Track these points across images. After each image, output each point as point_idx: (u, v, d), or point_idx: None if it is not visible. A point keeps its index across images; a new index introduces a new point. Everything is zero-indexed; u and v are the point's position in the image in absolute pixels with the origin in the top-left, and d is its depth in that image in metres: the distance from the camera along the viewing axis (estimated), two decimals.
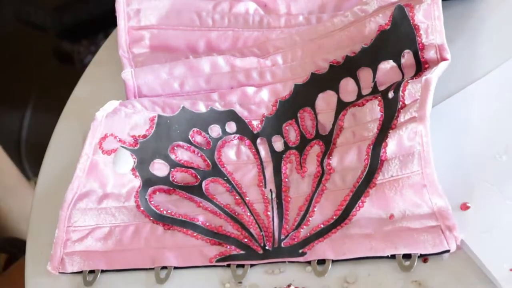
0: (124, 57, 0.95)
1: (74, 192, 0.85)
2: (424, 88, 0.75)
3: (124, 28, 0.96)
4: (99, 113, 0.88)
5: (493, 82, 0.80)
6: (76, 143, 0.91)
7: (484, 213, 0.72)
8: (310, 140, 0.81)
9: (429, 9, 0.80)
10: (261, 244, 0.77)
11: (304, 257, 0.75)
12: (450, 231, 0.71)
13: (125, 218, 0.83)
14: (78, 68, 1.86)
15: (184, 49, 0.94)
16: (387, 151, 0.75)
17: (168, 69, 0.91)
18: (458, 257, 0.71)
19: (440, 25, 0.80)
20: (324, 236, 0.75)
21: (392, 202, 0.73)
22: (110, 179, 0.85)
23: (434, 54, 0.79)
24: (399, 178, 0.73)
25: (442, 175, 0.73)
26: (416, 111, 0.74)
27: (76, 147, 0.90)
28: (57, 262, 0.83)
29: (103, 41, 1.85)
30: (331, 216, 0.76)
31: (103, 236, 0.83)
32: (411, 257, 0.72)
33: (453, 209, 0.72)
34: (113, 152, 0.85)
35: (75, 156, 0.89)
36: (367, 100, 0.80)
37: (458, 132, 0.78)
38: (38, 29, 1.26)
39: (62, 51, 1.88)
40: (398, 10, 0.81)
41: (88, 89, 0.98)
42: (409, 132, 0.74)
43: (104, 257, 0.82)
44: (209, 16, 0.94)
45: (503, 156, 0.75)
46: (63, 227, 0.84)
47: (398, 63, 0.80)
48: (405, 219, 0.73)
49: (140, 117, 0.87)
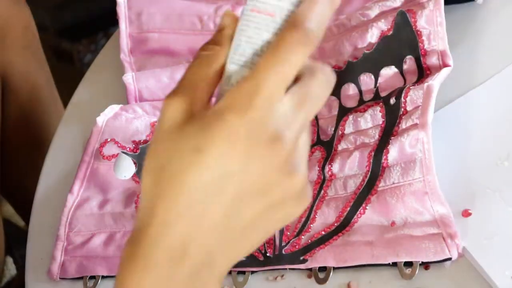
0: (125, 61, 0.95)
1: (74, 197, 0.85)
2: (426, 94, 0.75)
3: (126, 32, 0.96)
4: (99, 118, 0.88)
5: (495, 87, 0.80)
6: (76, 148, 0.91)
7: (486, 220, 0.72)
8: (311, 146, 0.81)
9: (431, 15, 0.80)
10: (262, 251, 0.77)
11: (305, 264, 0.75)
12: (452, 238, 0.71)
13: (126, 224, 0.83)
14: (77, 67, 1.86)
15: (185, 53, 0.94)
16: (388, 157, 0.75)
17: (169, 73, 0.91)
18: (460, 264, 0.71)
19: (442, 31, 0.79)
20: (325, 243, 0.75)
21: (393, 209, 0.73)
22: (110, 185, 0.85)
23: (436, 60, 0.78)
24: (401, 185, 0.73)
25: (444, 181, 0.73)
26: (417, 118, 0.74)
27: (77, 152, 0.90)
28: (57, 267, 0.83)
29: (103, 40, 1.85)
30: (332, 223, 0.76)
31: (104, 241, 0.83)
32: (413, 265, 0.72)
33: (454, 215, 0.72)
34: (113, 158, 0.85)
35: (75, 161, 0.89)
36: (368, 106, 0.79)
37: (460, 138, 0.77)
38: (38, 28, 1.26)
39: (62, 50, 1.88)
40: (400, 16, 0.80)
41: (88, 93, 0.97)
42: (411, 138, 0.74)
43: (105, 263, 0.82)
44: (211, 20, 0.94)
45: (505, 162, 0.75)
46: (63, 233, 0.84)
47: (400, 69, 0.80)
48: (406, 226, 0.72)
49: (141, 122, 0.87)
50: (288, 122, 0.49)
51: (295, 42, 0.48)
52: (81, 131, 0.93)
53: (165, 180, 0.49)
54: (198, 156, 0.48)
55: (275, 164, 0.49)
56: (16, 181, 1.28)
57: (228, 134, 0.48)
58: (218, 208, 0.49)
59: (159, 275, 0.48)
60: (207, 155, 0.48)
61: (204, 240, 0.49)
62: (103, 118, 0.88)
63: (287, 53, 0.48)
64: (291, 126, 0.49)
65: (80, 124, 0.94)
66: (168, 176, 0.49)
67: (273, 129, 0.48)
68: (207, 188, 0.48)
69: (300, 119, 0.50)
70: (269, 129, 0.48)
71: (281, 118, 0.49)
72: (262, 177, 0.49)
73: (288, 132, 0.49)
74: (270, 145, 0.48)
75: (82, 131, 0.93)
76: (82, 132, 0.93)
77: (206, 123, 0.48)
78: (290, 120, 0.49)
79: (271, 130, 0.48)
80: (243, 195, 0.49)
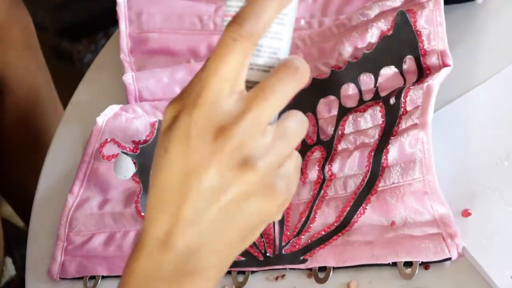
0: (125, 61, 0.95)
1: (74, 198, 0.85)
2: (425, 94, 0.75)
3: (126, 32, 0.96)
4: (99, 118, 0.88)
5: (495, 87, 0.80)
6: (76, 148, 0.91)
7: (485, 220, 0.72)
8: (311, 145, 0.81)
9: (431, 15, 0.80)
10: (262, 250, 0.77)
11: (305, 264, 0.75)
12: (452, 238, 0.71)
13: (126, 224, 0.83)
14: (77, 67, 1.86)
15: (185, 53, 0.94)
16: (388, 157, 0.75)
17: (169, 73, 0.91)
18: (459, 264, 0.71)
19: (442, 31, 0.79)
20: (325, 243, 0.75)
21: (393, 209, 0.73)
22: (110, 185, 0.85)
23: (436, 60, 0.78)
24: (401, 185, 0.73)
25: (444, 181, 0.73)
26: (417, 118, 0.74)
27: (77, 152, 0.90)
28: (57, 267, 0.83)
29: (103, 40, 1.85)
30: (332, 223, 0.76)
31: (104, 241, 0.83)
32: (413, 265, 0.72)
33: (454, 215, 0.72)
34: (113, 158, 0.85)
35: (75, 161, 0.89)
36: (368, 106, 0.79)
37: (460, 138, 0.77)
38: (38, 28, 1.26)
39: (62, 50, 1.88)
40: (400, 16, 0.80)
41: (88, 93, 0.97)
42: (411, 138, 0.74)
43: (105, 263, 0.82)
44: (211, 19, 0.94)
45: (505, 162, 0.75)
46: (63, 233, 0.84)
47: (400, 69, 0.80)
48: (406, 226, 0.72)
49: (141, 122, 0.87)
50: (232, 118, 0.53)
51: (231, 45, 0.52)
52: (81, 131, 0.93)
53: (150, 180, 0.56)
54: (164, 156, 0.53)
55: (224, 157, 0.53)
56: (16, 181, 1.28)
57: (182, 133, 0.53)
58: (187, 204, 0.53)
59: (149, 261, 0.54)
60: (169, 154, 0.53)
61: (181, 234, 0.54)
62: (103, 118, 0.88)
63: (226, 54, 0.52)
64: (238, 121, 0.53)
65: (80, 124, 0.94)
66: (150, 175, 0.56)
67: (218, 123, 0.52)
68: (175, 185, 0.53)
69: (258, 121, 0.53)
70: (215, 123, 0.52)
71: (225, 113, 0.52)
72: (216, 173, 0.53)
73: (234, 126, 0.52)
74: (216, 139, 0.52)
75: (82, 131, 0.92)
76: (82, 132, 0.92)
77: (172, 125, 0.53)
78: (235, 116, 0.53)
79: (216, 124, 0.52)
80: (204, 190, 0.53)
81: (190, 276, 0.54)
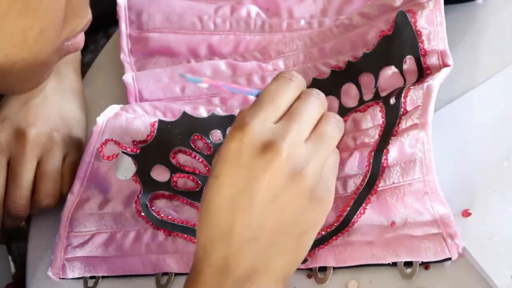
0: (125, 61, 0.95)
1: (74, 197, 0.85)
2: (426, 94, 0.75)
3: (126, 32, 0.96)
4: (100, 118, 0.88)
5: (495, 87, 0.80)
6: None
7: (486, 220, 0.72)
8: None
9: (431, 15, 0.80)
10: None
11: (305, 264, 0.75)
12: (452, 239, 0.71)
13: (126, 224, 0.83)
14: None
15: (185, 53, 0.94)
16: (388, 157, 0.75)
17: (169, 73, 0.91)
18: (459, 264, 0.71)
19: (442, 31, 0.79)
20: (325, 243, 0.75)
21: (393, 209, 0.73)
22: (111, 185, 0.85)
23: (436, 60, 0.78)
24: (401, 185, 0.73)
25: (444, 181, 0.72)
26: (417, 118, 0.74)
27: None
28: (57, 267, 0.83)
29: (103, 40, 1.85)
30: (332, 223, 0.76)
31: (104, 241, 0.83)
32: (413, 265, 0.72)
33: (454, 215, 0.72)
34: (114, 158, 0.85)
35: None
36: (368, 106, 0.79)
37: (460, 138, 0.77)
38: None
39: None
40: (400, 16, 0.80)
41: (88, 93, 0.97)
42: (411, 138, 0.74)
43: (105, 263, 0.82)
44: (211, 20, 0.94)
45: (505, 162, 0.75)
46: (63, 233, 0.84)
47: (400, 69, 0.80)
48: (406, 226, 0.72)
49: (141, 122, 0.87)
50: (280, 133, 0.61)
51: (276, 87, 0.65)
52: None
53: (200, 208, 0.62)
54: (215, 181, 0.60)
55: (274, 170, 0.58)
56: None
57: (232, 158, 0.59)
58: (240, 221, 0.58)
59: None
60: (220, 179, 0.60)
61: (240, 255, 0.58)
62: (103, 118, 0.88)
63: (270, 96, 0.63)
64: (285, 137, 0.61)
65: None
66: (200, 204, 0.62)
67: (265, 141, 0.60)
68: (227, 207, 0.58)
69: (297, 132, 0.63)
70: (261, 142, 0.60)
71: (270, 134, 0.60)
72: (267, 183, 0.58)
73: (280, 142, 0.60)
74: (264, 155, 0.59)
75: None
76: None
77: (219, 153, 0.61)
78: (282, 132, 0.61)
79: (263, 142, 0.60)
80: (257, 206, 0.58)
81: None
